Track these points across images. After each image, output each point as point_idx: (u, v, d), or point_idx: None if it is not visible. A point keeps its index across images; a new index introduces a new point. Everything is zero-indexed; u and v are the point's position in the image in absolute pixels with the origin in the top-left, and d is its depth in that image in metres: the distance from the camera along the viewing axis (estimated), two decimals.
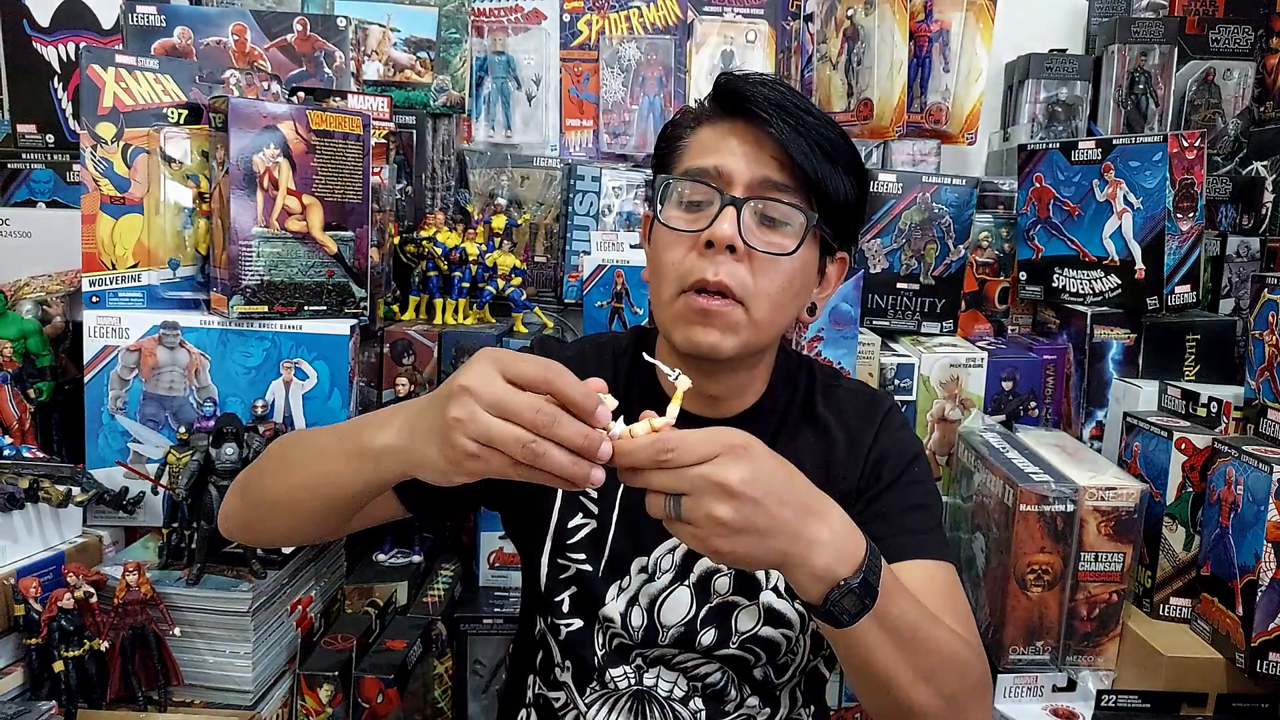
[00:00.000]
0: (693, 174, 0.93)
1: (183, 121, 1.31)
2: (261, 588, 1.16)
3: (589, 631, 1.01)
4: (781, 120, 0.89)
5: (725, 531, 0.69)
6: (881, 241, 1.65)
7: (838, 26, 1.76)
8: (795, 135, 0.89)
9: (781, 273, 0.92)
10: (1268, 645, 1.18)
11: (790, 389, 1.06)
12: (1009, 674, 1.32)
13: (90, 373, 1.27)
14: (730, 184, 0.91)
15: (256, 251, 1.26)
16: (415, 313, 1.66)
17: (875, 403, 1.07)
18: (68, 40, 1.63)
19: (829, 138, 0.91)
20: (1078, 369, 1.63)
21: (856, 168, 0.95)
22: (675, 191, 0.94)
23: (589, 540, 1.01)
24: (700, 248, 0.90)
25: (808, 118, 0.91)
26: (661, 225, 0.94)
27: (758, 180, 0.91)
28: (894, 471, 1.01)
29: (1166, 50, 1.77)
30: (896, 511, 0.98)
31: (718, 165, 0.91)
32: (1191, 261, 1.55)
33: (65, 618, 1.07)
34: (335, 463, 0.84)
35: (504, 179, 1.80)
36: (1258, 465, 1.20)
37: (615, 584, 1.00)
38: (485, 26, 1.85)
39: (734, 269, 0.89)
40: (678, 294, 0.92)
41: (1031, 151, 1.70)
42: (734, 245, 0.89)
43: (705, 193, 0.92)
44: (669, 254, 0.93)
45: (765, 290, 0.91)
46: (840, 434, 1.03)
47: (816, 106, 0.95)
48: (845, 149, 0.94)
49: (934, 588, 0.92)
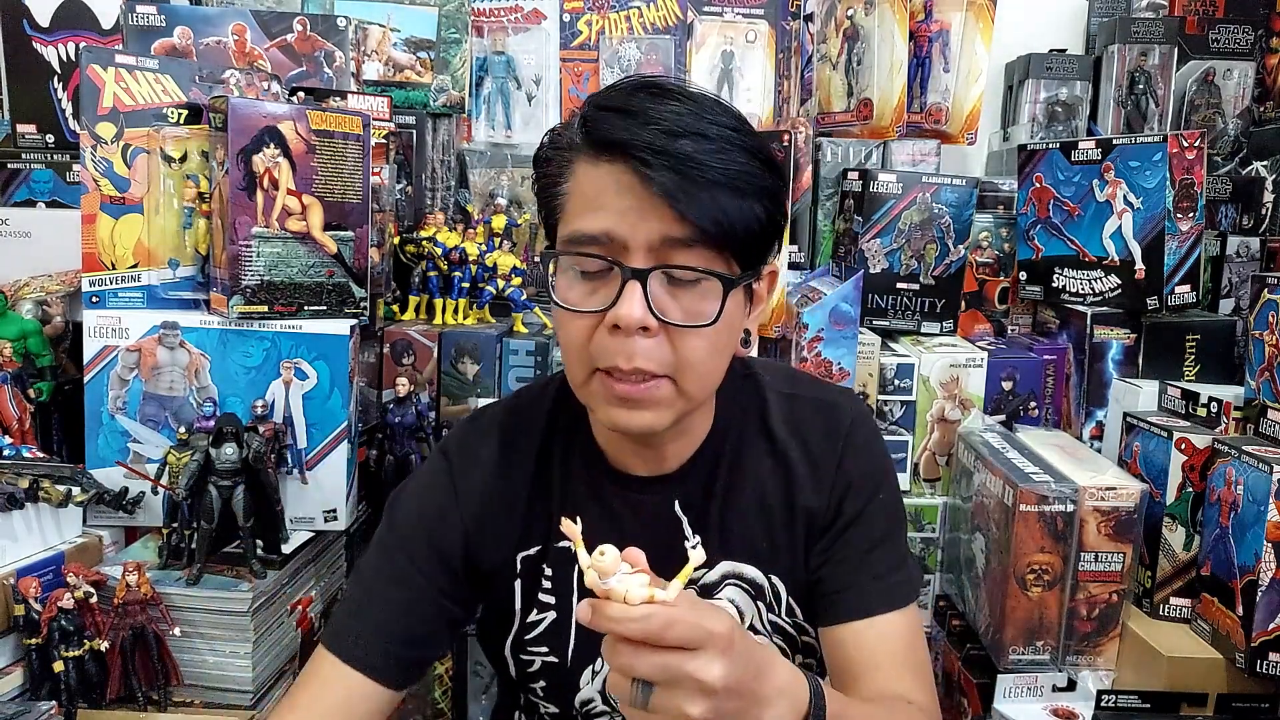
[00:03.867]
0: (581, 241, 0.77)
1: (183, 121, 1.31)
2: (261, 588, 1.16)
3: (568, 713, 0.97)
4: (666, 167, 0.73)
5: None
6: (881, 241, 1.65)
7: (838, 26, 1.76)
8: (685, 184, 0.74)
9: (706, 338, 0.79)
10: (1268, 645, 1.18)
11: (739, 415, 0.96)
12: (1009, 674, 1.32)
13: (90, 373, 1.27)
14: (626, 250, 0.76)
15: (256, 251, 1.26)
16: (415, 313, 1.66)
17: (837, 414, 0.97)
18: (68, 40, 1.63)
19: (728, 168, 0.76)
20: (1078, 369, 1.63)
21: (768, 187, 0.79)
22: (565, 261, 0.80)
23: (550, 632, 0.95)
24: (608, 327, 0.77)
25: (699, 147, 0.75)
26: (559, 307, 0.81)
27: (657, 241, 0.75)
28: (856, 504, 0.94)
29: (1166, 50, 1.77)
30: (857, 554, 0.93)
31: (607, 230, 0.76)
32: (1191, 261, 1.55)
33: (65, 618, 1.07)
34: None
35: (504, 179, 1.80)
36: (1258, 465, 1.20)
37: (587, 669, 0.94)
38: (485, 26, 1.85)
39: (650, 350, 0.77)
40: (590, 374, 0.81)
41: (1031, 151, 1.70)
42: (646, 325, 0.76)
43: (600, 264, 0.77)
44: (573, 335, 0.80)
45: (691, 361, 0.79)
46: (801, 457, 0.95)
47: (710, 113, 0.78)
48: (749, 171, 0.77)
49: (893, 646, 0.91)
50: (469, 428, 1.01)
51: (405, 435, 1.46)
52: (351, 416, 1.33)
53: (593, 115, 0.78)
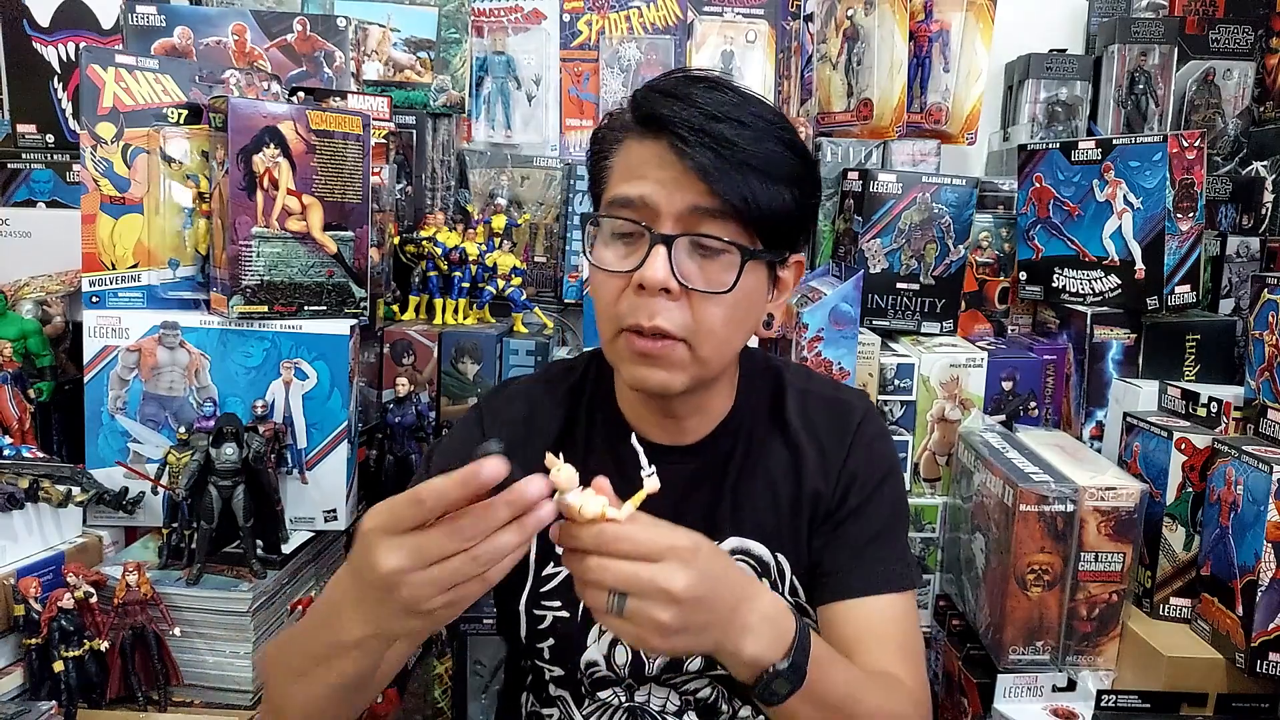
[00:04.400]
0: (619, 204, 0.86)
1: (183, 121, 1.31)
2: (261, 588, 1.16)
3: (573, 675, 1.00)
4: (702, 145, 0.82)
5: (663, 632, 0.70)
6: (881, 241, 1.65)
7: (838, 26, 1.76)
8: (718, 161, 0.82)
9: (723, 307, 0.86)
10: (1268, 645, 1.18)
11: (757, 401, 1.03)
12: (1009, 674, 1.32)
13: (90, 373, 1.27)
14: (657, 217, 0.84)
15: (256, 251, 1.26)
16: (415, 313, 1.66)
17: (849, 411, 1.03)
18: (68, 40, 1.63)
19: (761, 152, 0.84)
20: (1078, 369, 1.63)
21: (799, 175, 0.88)
22: (604, 223, 0.89)
23: (564, 586, 0.98)
24: (634, 288, 0.85)
25: (736, 132, 0.83)
26: (593, 265, 0.89)
27: (686, 210, 0.84)
28: (861, 494, 0.99)
29: (1166, 50, 1.77)
30: (859, 541, 0.97)
31: (642, 195, 0.84)
32: (1191, 261, 1.55)
33: (65, 618, 1.07)
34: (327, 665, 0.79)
35: (504, 179, 1.80)
36: (1258, 465, 1.20)
37: (595, 628, 0.98)
38: (485, 26, 1.85)
39: (670, 312, 0.84)
40: (617, 333, 0.88)
41: (1031, 151, 1.69)
42: (668, 287, 0.83)
43: (633, 226, 0.86)
44: (604, 294, 0.88)
45: (708, 327, 0.86)
46: (811, 447, 1.00)
47: (753, 107, 0.86)
48: (782, 159, 0.86)
49: (884, 627, 0.94)
50: (501, 390, 1.11)
51: (405, 435, 1.47)
52: (351, 416, 1.33)
53: (644, 96, 0.87)
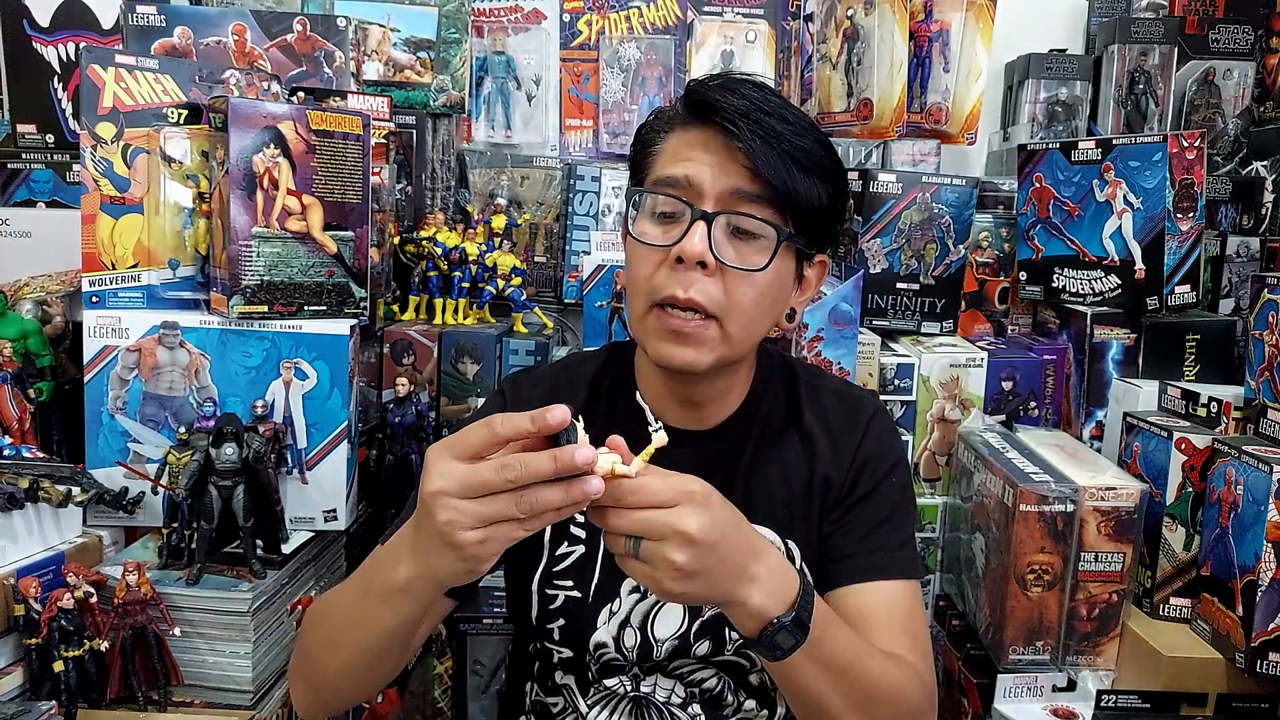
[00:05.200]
0: (663, 183, 0.91)
1: (183, 121, 1.31)
2: (261, 588, 1.16)
3: (581, 657, 1.01)
4: (750, 131, 0.87)
5: (679, 575, 0.73)
6: (881, 241, 1.65)
7: (838, 26, 1.76)
8: (764, 146, 0.87)
9: (755, 287, 0.91)
10: (1268, 645, 1.18)
11: (773, 392, 1.06)
12: (1009, 674, 1.32)
13: (90, 373, 1.27)
14: (700, 195, 0.89)
15: (256, 251, 1.26)
16: (415, 313, 1.67)
17: (860, 405, 1.07)
18: (68, 40, 1.63)
19: (801, 146, 0.90)
20: (1078, 369, 1.63)
21: (833, 172, 0.94)
22: (646, 201, 0.93)
23: (576, 566, 1.01)
24: (671, 262, 0.89)
25: (780, 125, 0.89)
26: (633, 239, 0.93)
27: (728, 191, 0.89)
28: (870, 481, 1.01)
29: (1166, 50, 1.77)
30: (865, 527, 0.99)
31: (688, 175, 0.90)
32: (1191, 261, 1.55)
33: (65, 618, 1.07)
34: (375, 614, 0.84)
35: (504, 179, 1.80)
36: (1258, 465, 1.20)
37: (605, 608, 1.00)
38: (485, 26, 1.85)
39: (705, 285, 0.88)
40: (650, 308, 0.91)
41: (1031, 151, 1.69)
42: (705, 261, 0.87)
43: (675, 204, 0.90)
44: (640, 267, 0.92)
45: (738, 305, 0.90)
46: (824, 439, 1.03)
47: (793, 110, 0.93)
48: (819, 155, 0.92)
49: (891, 610, 0.95)
50: (522, 374, 1.14)
51: (405, 435, 1.47)
52: (351, 416, 1.33)
53: (695, 87, 0.93)
